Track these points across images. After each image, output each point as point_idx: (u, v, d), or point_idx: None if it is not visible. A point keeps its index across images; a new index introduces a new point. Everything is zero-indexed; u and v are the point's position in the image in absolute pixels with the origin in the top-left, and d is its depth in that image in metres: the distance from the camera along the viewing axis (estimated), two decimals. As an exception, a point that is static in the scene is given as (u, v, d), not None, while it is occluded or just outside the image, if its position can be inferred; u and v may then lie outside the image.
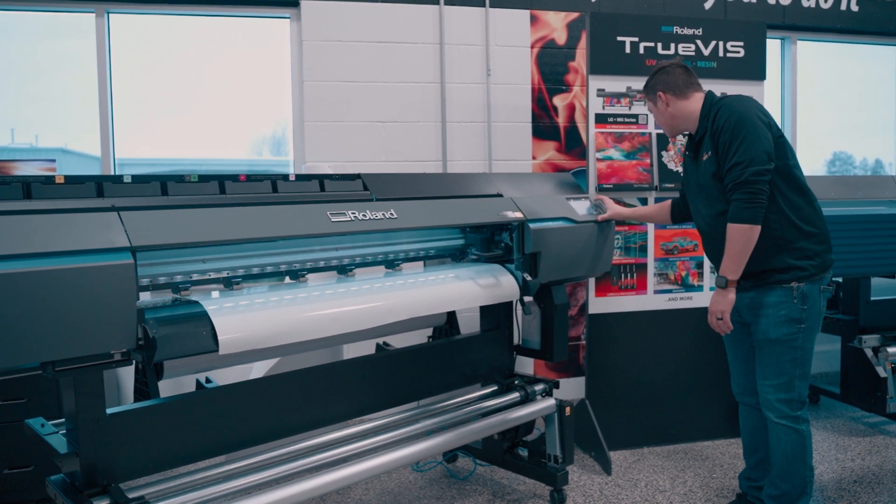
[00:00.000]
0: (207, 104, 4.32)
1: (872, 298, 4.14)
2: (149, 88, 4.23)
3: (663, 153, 3.85)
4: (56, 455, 2.13)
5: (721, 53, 3.92)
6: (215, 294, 2.35)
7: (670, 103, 2.85)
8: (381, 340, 3.30)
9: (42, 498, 3.20)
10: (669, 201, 3.20)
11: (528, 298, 3.13)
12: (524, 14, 4.45)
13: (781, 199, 2.62)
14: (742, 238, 2.55)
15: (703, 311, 3.83)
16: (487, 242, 3.17)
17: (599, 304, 3.82)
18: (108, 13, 4.07)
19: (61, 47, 4.09)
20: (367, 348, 3.24)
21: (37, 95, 4.09)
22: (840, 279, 4.21)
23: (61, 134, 4.16)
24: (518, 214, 2.97)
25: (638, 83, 3.81)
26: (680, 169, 3.79)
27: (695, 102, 2.82)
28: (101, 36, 4.06)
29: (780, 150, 2.61)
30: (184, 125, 4.29)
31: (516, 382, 3.35)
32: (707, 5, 4.73)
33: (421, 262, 3.17)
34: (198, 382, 2.62)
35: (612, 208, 3.28)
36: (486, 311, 3.45)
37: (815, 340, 2.70)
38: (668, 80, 2.85)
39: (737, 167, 2.54)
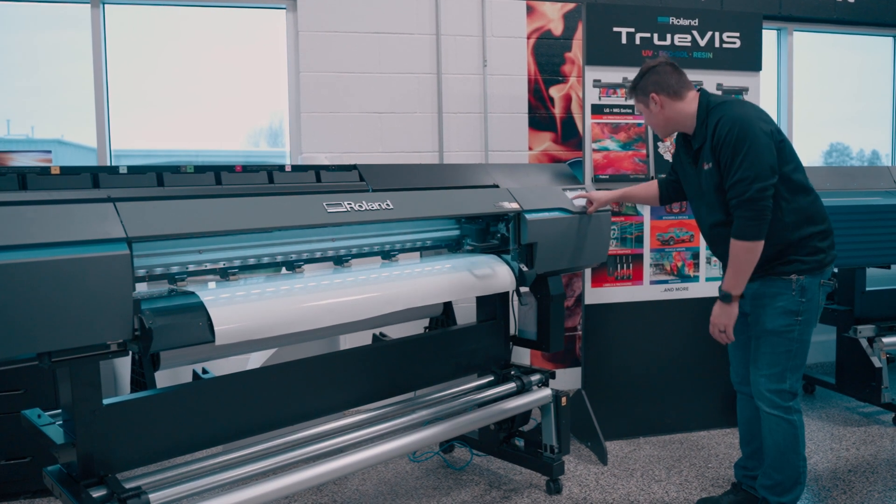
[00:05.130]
0: (204, 95, 4.31)
1: (868, 289, 4.16)
2: (145, 80, 4.22)
3: (659, 144, 3.85)
4: (53, 446, 2.14)
5: (717, 44, 3.91)
6: (212, 285, 2.35)
7: (665, 105, 2.77)
8: (377, 331, 3.30)
9: (39, 489, 3.21)
10: (656, 181, 3.16)
11: (524, 289, 3.13)
12: (520, 5, 4.44)
13: (785, 203, 2.60)
14: (747, 255, 2.56)
15: (699, 302, 3.89)
16: (482, 233, 3.17)
17: (595, 295, 3.83)
18: (104, 4, 4.06)
19: (57, 38, 4.07)
20: (363, 339, 3.25)
21: (33, 87, 4.07)
22: (835, 269, 4.22)
23: (57, 125, 4.15)
24: (514, 205, 2.98)
25: (634, 74, 3.80)
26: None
27: (690, 103, 2.76)
28: (96, 27, 4.04)
29: (781, 156, 2.59)
30: (180, 116, 4.28)
31: (512, 373, 3.36)
32: (704, -4, 4.73)
33: (417, 253, 3.17)
34: (194, 373, 2.63)
35: (598, 198, 3.21)
36: (483, 302, 3.46)
37: (811, 333, 2.70)
38: (661, 81, 2.77)
39: (740, 184, 2.52)
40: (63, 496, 2.10)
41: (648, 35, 3.82)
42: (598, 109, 3.80)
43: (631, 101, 2.95)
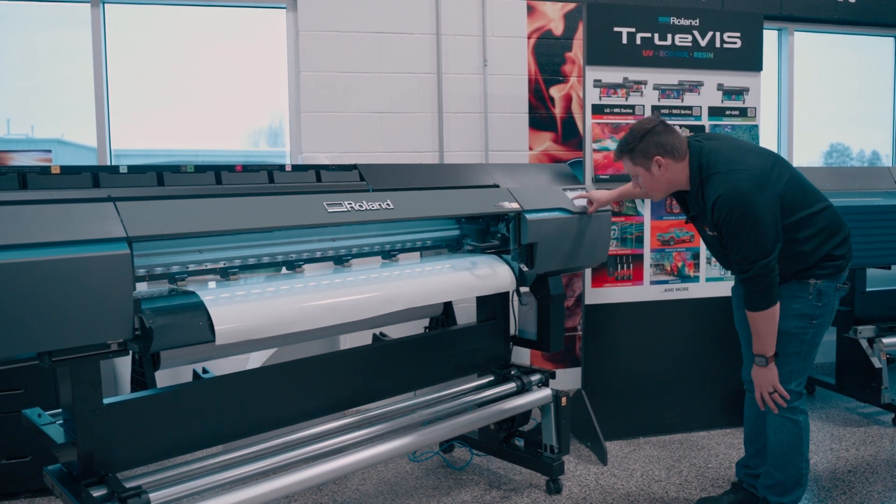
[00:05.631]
0: (204, 95, 4.31)
1: (868, 289, 4.16)
2: (145, 79, 4.22)
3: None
4: (53, 445, 2.14)
5: (718, 44, 3.91)
6: (212, 284, 2.35)
7: (669, 168, 2.67)
8: (377, 331, 3.30)
9: (40, 488, 3.21)
10: None
11: (524, 289, 3.13)
12: (521, 4, 4.44)
13: (802, 235, 2.59)
14: (765, 322, 2.57)
15: (699, 302, 3.90)
16: (482, 233, 3.17)
17: (596, 295, 3.83)
18: (104, 3, 4.05)
19: (57, 38, 4.07)
20: (363, 339, 3.25)
21: (32, 86, 4.07)
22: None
23: (57, 125, 4.15)
24: (514, 205, 2.97)
25: (635, 74, 3.82)
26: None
27: (687, 163, 2.68)
28: (96, 26, 4.04)
29: (789, 206, 2.56)
30: (180, 116, 4.28)
31: (512, 373, 3.36)
32: (704, -4, 4.73)
33: (417, 253, 3.17)
34: (194, 373, 2.63)
35: (598, 198, 3.21)
36: (483, 302, 3.46)
37: (823, 336, 2.70)
38: (663, 143, 2.64)
39: (744, 262, 2.53)
40: (63, 495, 2.10)
41: (649, 35, 3.82)
42: (598, 109, 3.80)
43: (623, 164, 2.79)
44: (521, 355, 4.37)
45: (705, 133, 2.88)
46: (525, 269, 2.98)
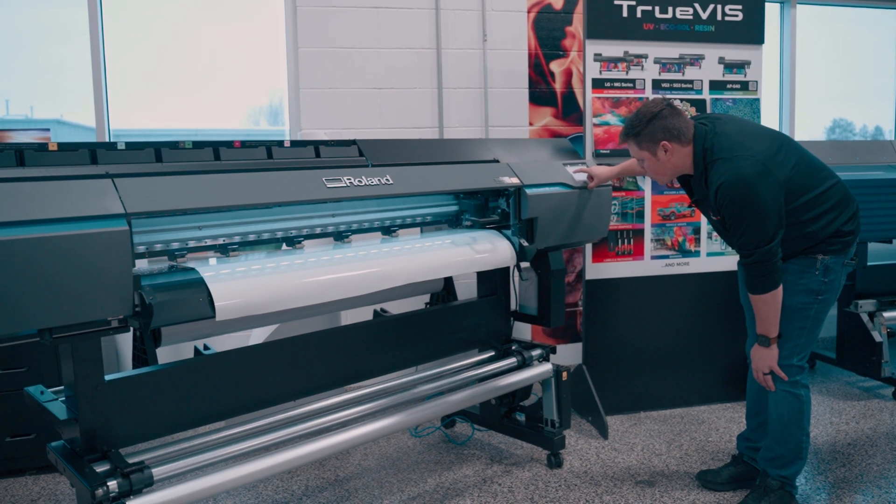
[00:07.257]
0: (203, 74, 4.28)
1: (869, 264, 4.15)
2: (144, 59, 4.18)
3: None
4: (56, 421, 2.15)
5: (719, 17, 3.87)
6: (212, 261, 2.35)
7: (675, 152, 2.63)
8: (378, 307, 3.31)
9: (44, 465, 3.23)
10: None
11: (524, 264, 3.13)
12: (520, -22, 4.40)
13: (812, 214, 2.58)
14: (767, 304, 2.57)
15: (700, 277, 3.90)
16: (481, 209, 3.16)
17: (596, 270, 3.83)
18: (100, -20, 4.02)
19: (56, 17, 4.03)
20: (364, 315, 3.25)
21: (31, 67, 4.04)
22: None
23: (57, 105, 4.13)
24: (514, 180, 2.97)
25: (635, 47, 3.79)
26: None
27: (692, 147, 2.64)
28: (93, 5, 4.00)
29: (795, 190, 2.54)
30: (180, 96, 4.25)
31: (513, 348, 3.37)
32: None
33: (417, 229, 3.17)
34: (196, 349, 2.64)
35: (599, 174, 3.20)
36: (483, 277, 3.46)
37: (827, 312, 2.70)
38: (670, 127, 2.60)
39: (745, 247, 2.53)
40: (67, 471, 2.12)
41: (650, 8, 3.77)
42: (598, 84, 3.77)
43: (628, 147, 2.76)
44: (522, 331, 4.37)
45: (711, 115, 2.85)
46: (525, 244, 2.98)
